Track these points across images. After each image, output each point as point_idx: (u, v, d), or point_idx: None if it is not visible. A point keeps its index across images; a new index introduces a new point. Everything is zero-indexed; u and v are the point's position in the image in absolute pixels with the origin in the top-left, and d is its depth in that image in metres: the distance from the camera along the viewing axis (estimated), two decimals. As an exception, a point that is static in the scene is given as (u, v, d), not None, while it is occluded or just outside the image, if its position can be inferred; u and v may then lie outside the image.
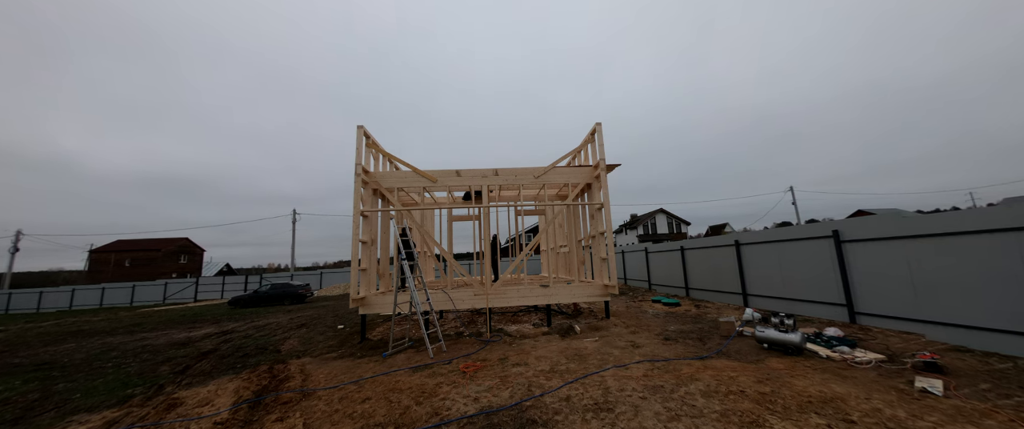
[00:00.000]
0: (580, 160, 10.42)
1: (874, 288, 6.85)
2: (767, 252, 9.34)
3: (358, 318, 11.47)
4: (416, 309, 6.92)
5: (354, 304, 7.83)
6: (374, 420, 3.93)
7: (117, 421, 4.53)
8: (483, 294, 8.29)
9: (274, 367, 6.15)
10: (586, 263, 10.63)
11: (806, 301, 8.19)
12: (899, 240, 6.44)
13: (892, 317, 6.51)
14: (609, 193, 8.92)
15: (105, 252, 50.08)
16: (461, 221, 11.36)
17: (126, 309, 25.35)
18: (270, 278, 31.94)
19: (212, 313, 17.51)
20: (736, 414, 3.56)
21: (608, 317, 8.90)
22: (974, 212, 5.58)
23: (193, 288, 32.22)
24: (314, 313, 14.50)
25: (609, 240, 8.56)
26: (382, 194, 9.77)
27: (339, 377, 5.52)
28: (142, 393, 5.64)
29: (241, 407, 4.49)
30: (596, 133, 9.22)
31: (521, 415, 3.82)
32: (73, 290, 31.93)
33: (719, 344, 6.20)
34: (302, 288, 21.88)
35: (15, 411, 5.16)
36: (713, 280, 11.40)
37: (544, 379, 4.83)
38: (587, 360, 5.55)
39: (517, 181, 9.38)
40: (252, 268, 64.88)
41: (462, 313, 10.22)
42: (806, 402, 3.75)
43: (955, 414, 3.41)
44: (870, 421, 3.35)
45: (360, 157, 8.38)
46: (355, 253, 7.98)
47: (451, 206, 9.70)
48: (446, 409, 4.08)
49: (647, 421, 3.53)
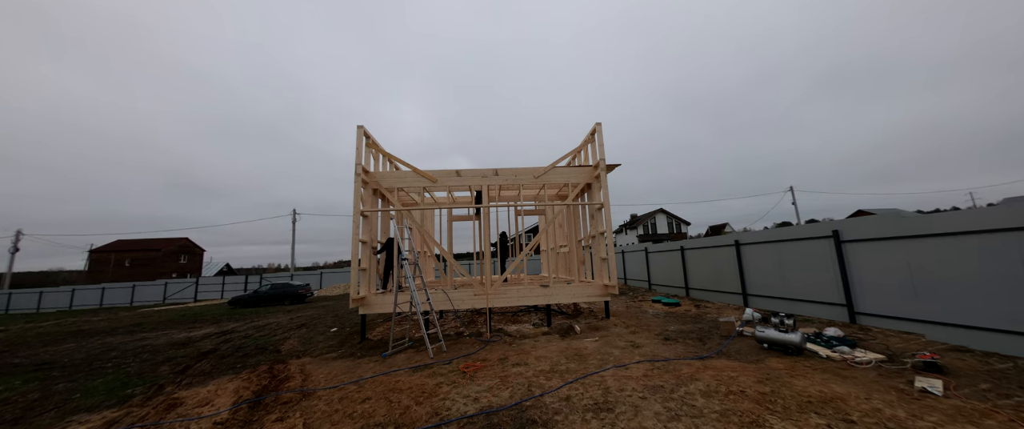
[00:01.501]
0: (580, 160, 10.42)
1: (874, 288, 6.85)
2: (767, 252, 9.33)
3: (353, 319, 11.48)
4: (416, 309, 6.92)
5: (354, 304, 7.82)
6: (374, 420, 3.93)
7: (117, 421, 4.53)
8: (483, 294, 8.29)
9: (274, 367, 6.15)
10: (586, 263, 10.63)
11: (806, 301, 8.18)
12: (899, 240, 6.43)
13: (892, 317, 6.51)
14: (609, 193, 8.92)
15: (105, 252, 50.09)
16: (461, 221, 11.36)
17: (126, 309, 25.35)
18: (270, 278, 31.95)
19: (212, 313, 17.51)
20: (736, 414, 3.56)
21: (608, 317, 8.90)
22: (974, 212, 5.58)
23: (193, 288, 32.22)
24: (314, 313, 14.50)
25: (609, 240, 8.56)
26: (382, 194, 9.77)
27: (339, 377, 5.52)
28: (142, 393, 5.64)
29: (241, 407, 4.49)
30: (596, 133, 9.21)
31: (521, 415, 3.82)
32: (73, 290, 31.92)
33: (719, 344, 6.20)
34: (302, 288, 21.89)
35: (15, 411, 5.16)
36: (713, 280, 11.40)
37: (544, 379, 4.83)
38: (587, 360, 5.55)
39: (517, 181, 9.38)
40: (252, 268, 64.96)
41: (462, 313, 10.21)
42: (806, 402, 3.75)
43: (955, 414, 3.41)
44: (870, 421, 3.35)
45: (360, 157, 8.38)
46: (355, 253, 7.99)
47: (451, 206, 9.70)
48: (446, 409, 4.08)
49: (647, 421, 3.53)
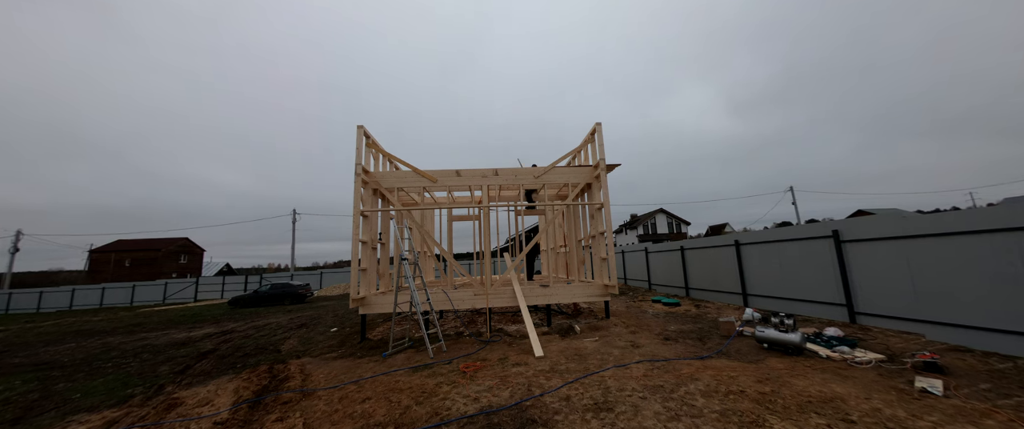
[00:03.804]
0: (580, 160, 10.42)
1: (874, 288, 6.84)
2: (767, 252, 9.33)
3: (353, 319, 11.47)
4: (416, 309, 6.92)
5: (354, 304, 7.82)
6: (374, 420, 3.93)
7: (117, 421, 4.54)
8: (483, 294, 8.29)
9: (274, 367, 6.15)
10: (586, 263, 10.63)
11: (806, 301, 8.18)
12: (899, 240, 6.43)
13: (892, 317, 6.51)
14: (609, 193, 8.92)
15: (105, 252, 50.09)
16: (461, 221, 11.36)
17: (126, 309, 25.36)
18: (270, 278, 31.97)
19: (212, 313, 17.52)
20: (736, 414, 3.56)
21: (608, 317, 8.89)
22: (974, 212, 5.57)
23: (193, 288, 32.23)
24: (314, 313, 14.50)
25: (609, 240, 8.55)
26: (382, 194, 9.77)
27: (339, 377, 5.52)
28: (142, 393, 5.64)
29: (241, 407, 4.49)
30: (596, 133, 9.21)
31: (521, 415, 3.82)
32: (73, 290, 31.93)
33: (719, 344, 6.19)
34: (302, 288, 21.90)
35: (15, 411, 5.16)
36: (713, 280, 11.39)
37: (544, 379, 4.83)
38: (587, 360, 5.55)
39: (517, 181, 9.38)
40: (252, 268, 64.97)
41: (462, 313, 10.21)
42: (806, 402, 3.75)
43: (955, 414, 3.41)
44: (870, 421, 3.35)
45: (360, 157, 8.38)
46: (355, 253, 7.99)
47: (451, 206, 9.70)
48: (446, 409, 4.07)
49: (647, 421, 3.53)
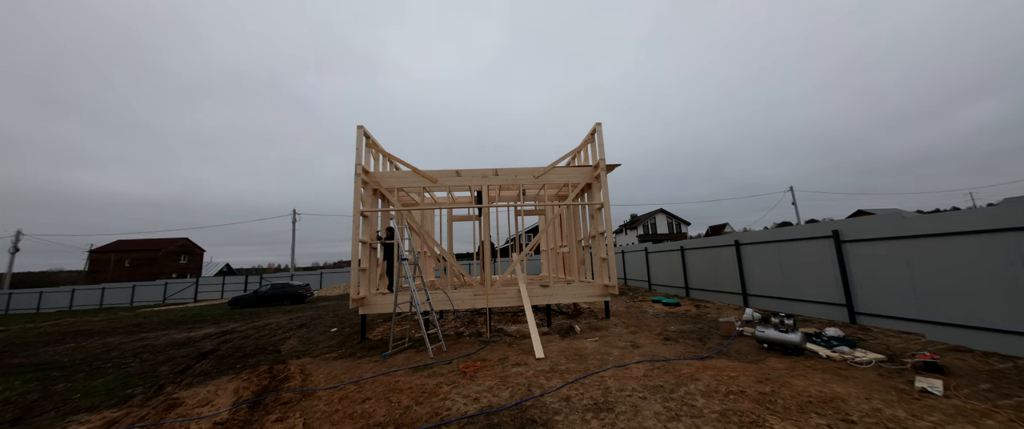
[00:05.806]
0: (580, 160, 10.42)
1: (874, 288, 6.84)
2: (767, 252, 9.33)
3: (353, 319, 11.47)
4: (416, 309, 6.92)
5: (354, 304, 7.82)
6: (374, 420, 3.93)
7: (117, 421, 4.53)
8: (483, 294, 8.29)
9: (274, 367, 6.15)
10: (586, 263, 10.63)
11: (806, 301, 8.18)
12: (899, 240, 6.43)
13: (892, 317, 6.51)
14: (609, 193, 8.92)
15: (105, 252, 50.06)
16: (461, 221, 11.36)
17: (126, 309, 25.35)
18: (270, 278, 31.95)
19: (212, 313, 17.52)
20: (736, 414, 3.56)
21: (608, 317, 8.89)
22: (974, 212, 5.57)
23: (193, 288, 32.22)
24: (314, 313, 14.50)
25: (609, 240, 8.55)
26: (382, 194, 9.77)
27: (339, 377, 5.52)
28: (142, 393, 5.64)
29: (241, 407, 4.49)
30: (596, 133, 9.21)
31: (521, 415, 3.82)
32: (73, 290, 31.93)
33: (719, 344, 6.19)
34: (302, 288, 21.90)
35: (15, 411, 5.16)
36: (713, 280, 11.39)
37: (544, 379, 4.83)
38: (587, 360, 5.55)
39: (517, 181, 9.38)
40: (252, 268, 64.90)
41: (462, 313, 10.21)
42: (806, 402, 3.75)
43: (955, 414, 3.41)
44: (870, 421, 3.35)
45: (360, 157, 8.38)
46: (355, 253, 7.99)
47: (451, 206, 9.70)
48: (446, 409, 4.07)
49: (647, 421, 3.53)
